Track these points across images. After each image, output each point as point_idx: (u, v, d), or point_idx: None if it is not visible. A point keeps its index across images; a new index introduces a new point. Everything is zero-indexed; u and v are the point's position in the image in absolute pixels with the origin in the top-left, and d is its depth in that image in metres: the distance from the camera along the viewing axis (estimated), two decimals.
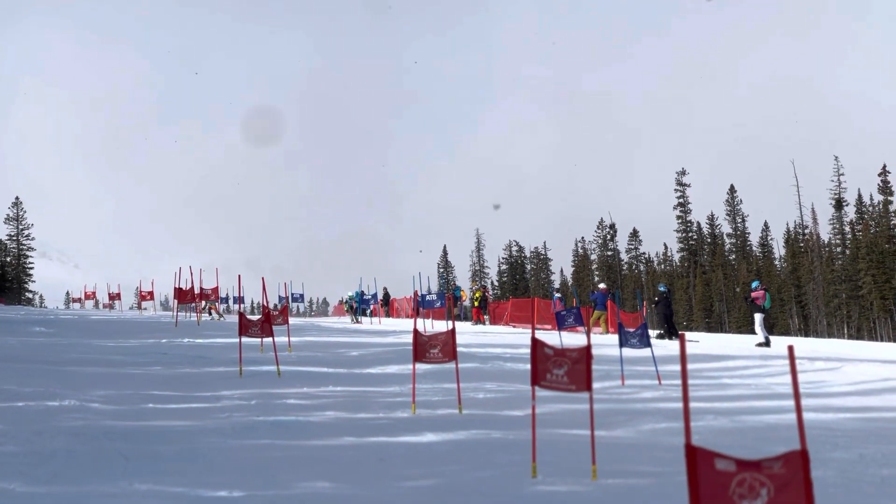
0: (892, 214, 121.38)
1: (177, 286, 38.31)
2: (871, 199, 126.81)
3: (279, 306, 40.85)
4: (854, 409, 17.17)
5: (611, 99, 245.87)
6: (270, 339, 21.05)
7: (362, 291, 53.16)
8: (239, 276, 29.73)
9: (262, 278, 22.73)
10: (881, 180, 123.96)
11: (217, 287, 40.02)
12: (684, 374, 5.61)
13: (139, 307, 60.95)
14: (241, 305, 35.51)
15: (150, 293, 53.96)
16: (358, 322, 49.22)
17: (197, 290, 39.26)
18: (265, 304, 22.38)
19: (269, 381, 18.98)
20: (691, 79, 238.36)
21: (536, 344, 10.90)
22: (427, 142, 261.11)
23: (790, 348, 5.51)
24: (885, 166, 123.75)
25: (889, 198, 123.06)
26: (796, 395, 5.37)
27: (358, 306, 53.37)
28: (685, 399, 5.51)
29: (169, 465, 10.83)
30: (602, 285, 46.25)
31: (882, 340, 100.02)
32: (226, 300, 52.00)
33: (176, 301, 39.24)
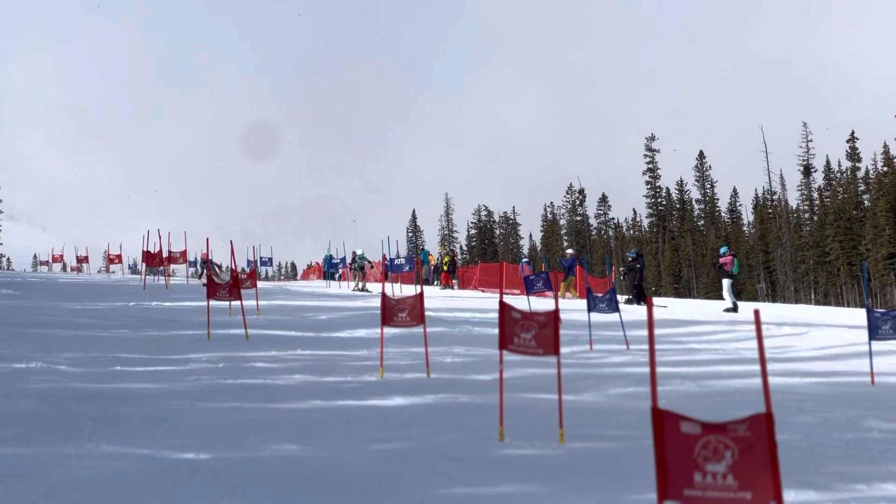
0: (860, 181, 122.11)
1: (145, 249, 38.22)
2: (840, 165, 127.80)
3: (247, 270, 40.76)
4: (820, 373, 17.28)
5: (586, 65, 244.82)
6: (239, 302, 21.02)
7: (331, 255, 53.04)
8: (207, 239, 29.63)
9: (231, 242, 22.61)
10: (849, 147, 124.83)
11: (185, 251, 39.84)
12: (651, 338, 5.62)
13: (107, 270, 60.69)
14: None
15: (119, 256, 53.88)
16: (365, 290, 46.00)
17: (165, 254, 39.15)
18: (233, 267, 22.31)
19: (238, 344, 18.96)
20: (664, 45, 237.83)
21: (504, 308, 10.92)
22: (398, 104, 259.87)
23: (756, 312, 5.53)
24: (853, 133, 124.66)
25: (857, 164, 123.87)
26: (762, 359, 5.39)
27: (326, 270, 53.24)
28: (652, 362, 5.52)
29: (136, 428, 10.81)
30: (570, 250, 46.36)
31: (849, 306, 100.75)
32: (194, 264, 51.89)
33: (144, 264, 39.11)
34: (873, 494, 8.50)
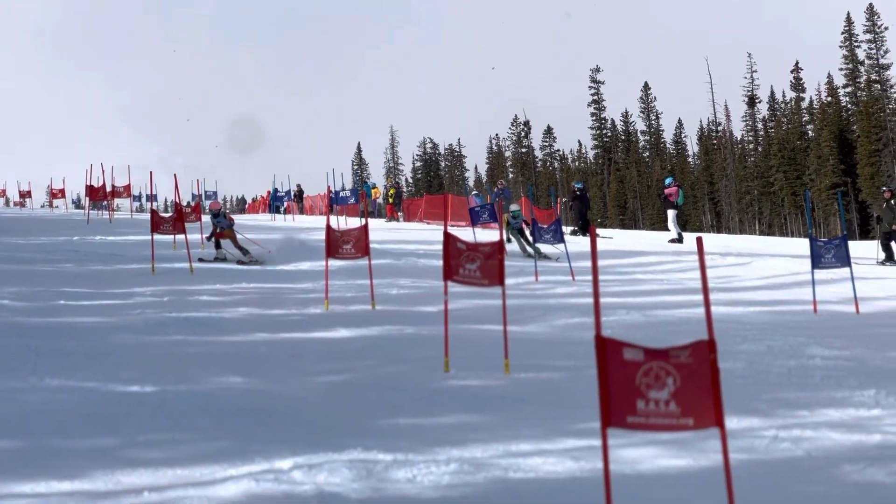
0: (804, 112, 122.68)
1: (88, 184, 37.86)
2: (784, 96, 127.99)
3: (192, 203, 40.48)
4: (764, 302, 17.43)
5: None
6: (183, 235, 20.90)
7: (276, 188, 52.70)
8: (151, 173, 29.39)
9: (175, 175, 22.45)
10: (793, 77, 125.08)
11: (129, 185, 39.48)
12: (594, 266, 5.62)
13: (50, 205, 60.09)
14: (154, 203, 35.05)
15: (62, 191, 53.33)
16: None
17: (109, 188, 38.80)
18: (178, 201, 22.16)
19: (182, 277, 18.87)
20: None
21: (449, 239, 10.91)
22: (345, 34, 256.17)
23: (699, 240, 5.54)
24: (797, 63, 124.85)
25: (801, 95, 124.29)
26: (704, 286, 5.41)
27: (272, 203, 52.96)
28: (595, 290, 5.52)
29: (80, 361, 10.77)
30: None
31: (792, 236, 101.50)
32: (138, 198, 51.46)
33: (88, 199, 38.77)
34: (815, 420, 8.61)
